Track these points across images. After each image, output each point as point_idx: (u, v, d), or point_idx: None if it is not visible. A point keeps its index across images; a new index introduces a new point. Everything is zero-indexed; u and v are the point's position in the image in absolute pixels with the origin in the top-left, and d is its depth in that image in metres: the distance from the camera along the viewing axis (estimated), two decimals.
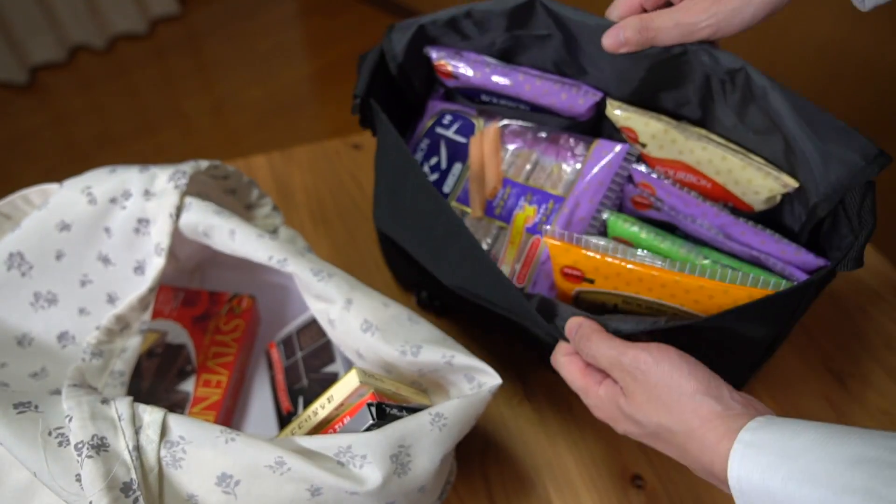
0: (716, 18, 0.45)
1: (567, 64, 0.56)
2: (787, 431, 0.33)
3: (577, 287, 0.51)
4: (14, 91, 2.18)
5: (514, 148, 0.60)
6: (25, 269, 0.48)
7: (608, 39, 0.49)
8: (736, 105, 0.49)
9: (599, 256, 0.48)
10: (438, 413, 0.42)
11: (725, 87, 0.48)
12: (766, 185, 0.49)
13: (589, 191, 0.55)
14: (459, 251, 0.49)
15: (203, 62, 2.34)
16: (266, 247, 0.48)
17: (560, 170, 0.57)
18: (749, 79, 0.46)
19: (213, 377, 0.56)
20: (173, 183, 0.49)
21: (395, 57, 0.59)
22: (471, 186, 0.59)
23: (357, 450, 0.39)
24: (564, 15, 0.52)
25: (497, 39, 0.57)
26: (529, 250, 0.55)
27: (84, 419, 0.38)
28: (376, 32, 2.41)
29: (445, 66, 0.59)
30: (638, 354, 0.40)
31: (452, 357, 0.45)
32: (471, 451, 0.56)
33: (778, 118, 0.46)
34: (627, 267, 0.47)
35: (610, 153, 0.55)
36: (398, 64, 0.59)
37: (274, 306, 0.65)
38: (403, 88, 0.62)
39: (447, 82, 0.61)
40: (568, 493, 0.54)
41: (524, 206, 0.57)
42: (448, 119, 0.62)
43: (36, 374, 0.46)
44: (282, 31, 2.46)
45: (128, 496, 0.37)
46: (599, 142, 0.56)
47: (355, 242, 0.75)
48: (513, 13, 0.54)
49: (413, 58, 0.60)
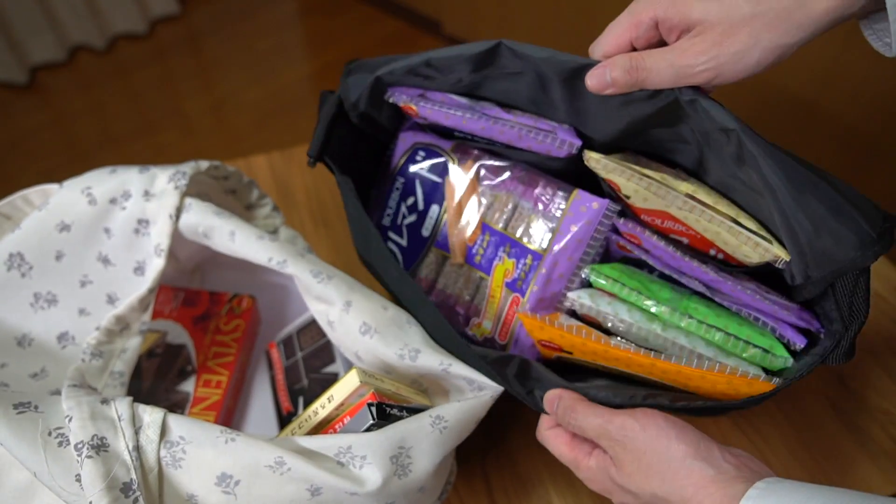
0: (716, 62, 0.39)
1: (542, 102, 0.51)
2: (786, 500, 0.32)
3: (558, 354, 0.51)
4: (14, 91, 2.18)
5: (491, 185, 0.55)
6: (25, 269, 0.48)
7: (593, 80, 0.43)
8: (731, 158, 0.44)
9: (576, 336, 0.46)
10: (439, 415, 0.42)
11: (720, 138, 0.43)
12: (755, 254, 0.45)
13: (567, 249, 0.51)
14: (429, 319, 0.48)
15: (203, 62, 2.34)
16: (266, 248, 0.48)
17: (538, 223, 0.52)
18: (741, 143, 0.41)
19: (214, 377, 0.56)
20: (173, 184, 0.49)
21: (354, 106, 0.55)
22: (449, 231, 0.56)
23: (357, 450, 0.39)
24: (535, 56, 0.46)
25: (464, 78, 0.52)
26: (509, 309, 0.53)
27: (84, 419, 0.38)
28: (376, 32, 2.42)
29: (412, 108, 0.54)
30: (625, 421, 0.39)
31: (450, 366, 0.45)
32: (471, 451, 0.56)
33: (769, 187, 0.41)
34: (605, 347, 0.45)
35: (588, 210, 0.50)
36: (359, 113, 0.55)
37: (274, 306, 0.65)
38: (368, 133, 0.59)
39: (417, 120, 0.56)
40: (568, 493, 0.54)
41: (503, 257, 0.54)
42: (421, 155, 0.58)
43: (36, 375, 0.46)
44: (282, 31, 2.46)
45: (128, 496, 0.37)
46: (578, 194, 0.51)
47: None
48: (477, 58, 0.49)
49: (375, 104, 0.56)
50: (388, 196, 0.60)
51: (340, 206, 0.79)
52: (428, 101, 0.53)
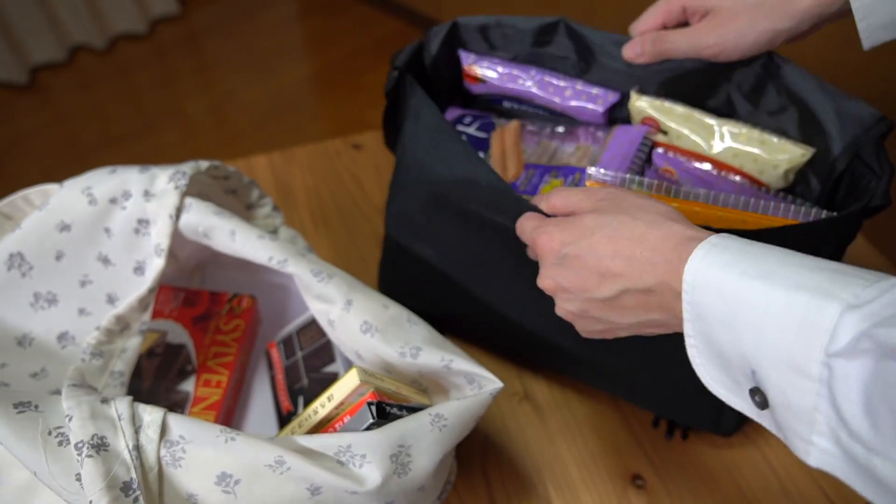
0: (721, 39, 0.50)
1: (584, 73, 0.63)
2: (756, 243, 0.33)
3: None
4: (14, 91, 2.18)
5: (534, 134, 0.63)
6: (25, 269, 0.48)
7: (628, 51, 0.55)
8: (748, 92, 0.55)
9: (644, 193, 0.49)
10: (439, 414, 0.42)
11: (741, 76, 0.55)
12: (784, 158, 0.53)
13: (615, 161, 0.57)
14: (489, 182, 0.48)
15: (203, 62, 2.34)
16: (266, 248, 0.48)
17: (583, 149, 0.60)
18: (770, 57, 0.53)
19: (214, 377, 0.56)
20: (173, 184, 0.49)
21: (430, 52, 0.63)
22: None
23: (357, 449, 0.39)
24: (586, 35, 0.60)
25: (520, 53, 0.64)
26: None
27: (84, 419, 0.38)
28: (376, 32, 2.42)
29: (474, 69, 0.64)
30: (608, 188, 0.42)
31: (451, 361, 0.45)
32: (471, 450, 0.56)
33: (795, 88, 0.53)
34: (672, 205, 0.47)
35: (630, 132, 0.59)
36: (433, 57, 0.63)
37: (274, 306, 0.65)
38: (430, 88, 0.62)
39: (473, 88, 0.66)
40: (568, 493, 0.54)
41: (550, 180, 0.58)
42: (469, 119, 0.65)
43: (36, 375, 0.46)
44: (282, 31, 2.46)
45: (128, 495, 0.37)
46: (619, 125, 0.60)
47: (355, 242, 0.75)
48: (538, 30, 0.61)
49: (445, 55, 0.64)
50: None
51: (340, 206, 0.79)
52: (488, 62, 0.64)
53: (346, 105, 2.11)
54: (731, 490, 0.54)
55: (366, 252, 0.74)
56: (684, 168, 0.58)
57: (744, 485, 0.54)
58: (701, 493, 0.54)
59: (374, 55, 2.30)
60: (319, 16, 2.53)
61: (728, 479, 0.54)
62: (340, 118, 2.07)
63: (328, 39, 2.41)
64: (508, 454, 0.57)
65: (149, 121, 2.07)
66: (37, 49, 2.20)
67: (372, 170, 0.84)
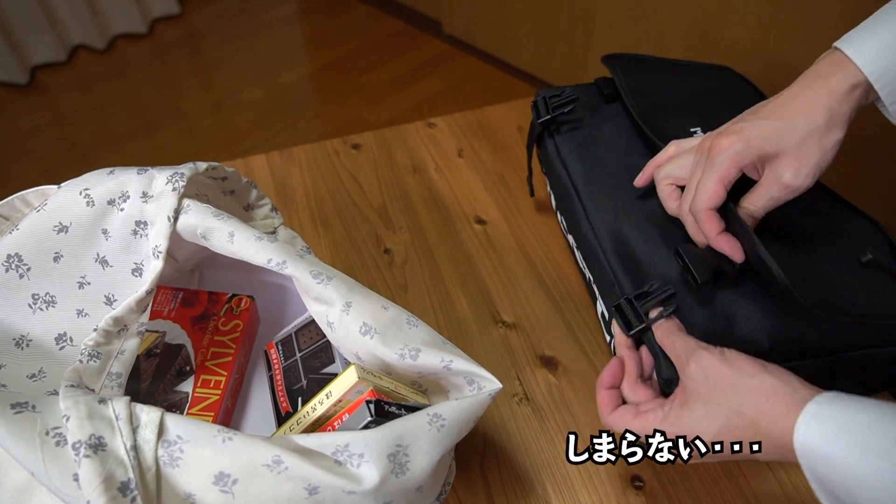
0: (812, 170, 0.47)
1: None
2: (851, 408, 0.36)
3: None
4: (14, 91, 2.18)
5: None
6: (23, 270, 0.48)
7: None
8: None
9: None
10: (437, 413, 0.42)
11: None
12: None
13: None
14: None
15: (203, 62, 2.34)
16: (265, 249, 0.48)
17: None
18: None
19: (212, 378, 0.56)
20: (171, 185, 0.49)
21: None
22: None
23: (355, 448, 0.39)
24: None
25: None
26: None
27: (81, 419, 0.38)
28: (376, 32, 2.42)
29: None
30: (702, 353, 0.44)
31: (451, 362, 0.45)
32: (470, 451, 0.56)
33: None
34: None
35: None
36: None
37: (273, 306, 0.65)
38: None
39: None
40: (568, 494, 0.54)
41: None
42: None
43: (34, 376, 0.46)
44: (282, 30, 2.46)
45: (125, 495, 0.37)
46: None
47: (355, 242, 0.75)
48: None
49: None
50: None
51: (340, 206, 0.79)
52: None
53: (345, 105, 2.11)
54: (731, 492, 0.54)
55: (365, 252, 0.74)
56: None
57: (744, 486, 0.54)
58: (700, 495, 0.54)
59: (375, 55, 2.30)
60: (319, 15, 2.53)
61: (727, 481, 0.54)
62: (340, 118, 2.07)
63: (328, 39, 2.41)
64: (507, 455, 0.57)
65: (148, 121, 2.07)
66: (37, 49, 2.20)
67: (371, 170, 0.84)
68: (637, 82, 0.67)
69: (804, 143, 0.47)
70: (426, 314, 0.67)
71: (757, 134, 0.48)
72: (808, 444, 0.36)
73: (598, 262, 0.59)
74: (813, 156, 0.47)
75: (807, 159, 0.47)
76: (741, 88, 0.70)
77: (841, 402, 0.37)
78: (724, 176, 0.48)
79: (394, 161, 0.86)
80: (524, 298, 0.69)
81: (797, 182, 0.47)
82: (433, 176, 0.83)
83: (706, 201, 0.49)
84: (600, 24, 1.74)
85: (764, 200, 0.49)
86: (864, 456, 0.33)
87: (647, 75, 0.69)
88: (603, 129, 0.67)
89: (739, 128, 0.49)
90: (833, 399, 0.37)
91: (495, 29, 2.12)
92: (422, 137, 0.89)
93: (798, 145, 0.47)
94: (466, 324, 0.66)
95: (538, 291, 0.69)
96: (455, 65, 2.24)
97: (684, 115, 0.64)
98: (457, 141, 0.89)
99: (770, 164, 0.48)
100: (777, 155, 0.47)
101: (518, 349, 0.64)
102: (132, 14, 2.34)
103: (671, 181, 0.54)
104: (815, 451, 0.36)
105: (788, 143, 0.47)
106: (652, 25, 1.60)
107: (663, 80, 0.69)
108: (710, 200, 0.49)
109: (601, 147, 0.66)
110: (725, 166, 0.48)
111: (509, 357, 0.64)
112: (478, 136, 0.89)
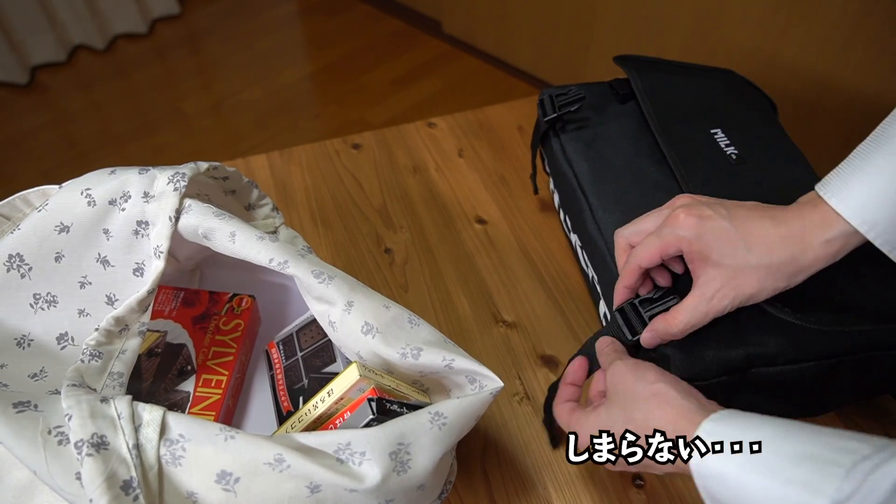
0: (734, 295, 0.46)
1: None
2: (745, 425, 0.36)
3: None
4: (14, 91, 2.18)
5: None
6: (25, 270, 0.48)
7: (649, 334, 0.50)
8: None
9: None
10: (438, 412, 0.42)
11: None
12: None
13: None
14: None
15: (203, 62, 2.34)
16: (267, 249, 0.48)
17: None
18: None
19: (213, 377, 0.56)
20: (172, 185, 0.49)
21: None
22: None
23: (356, 446, 0.39)
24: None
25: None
26: None
27: (84, 417, 0.38)
28: (376, 32, 2.42)
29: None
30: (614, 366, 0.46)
31: (452, 360, 0.45)
32: (471, 450, 0.57)
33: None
34: None
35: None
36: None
37: (274, 306, 0.65)
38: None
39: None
40: (568, 494, 0.54)
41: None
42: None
43: (35, 375, 0.46)
44: (282, 30, 2.46)
45: (128, 494, 0.37)
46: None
47: (355, 242, 0.75)
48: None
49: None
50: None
51: (340, 206, 0.79)
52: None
53: (345, 105, 2.11)
54: None
55: (365, 252, 0.74)
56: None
57: None
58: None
59: (375, 55, 2.30)
60: (320, 15, 2.54)
61: None
62: (340, 118, 2.07)
63: (328, 39, 2.41)
64: (509, 454, 0.57)
65: (148, 121, 2.07)
66: (37, 49, 2.20)
67: (371, 170, 0.84)
68: (652, 84, 0.67)
69: (745, 272, 0.44)
70: (427, 314, 0.67)
71: (714, 236, 0.45)
72: (703, 462, 0.36)
73: (604, 261, 0.59)
74: (747, 288, 0.45)
75: (738, 288, 0.45)
76: (747, 90, 0.70)
77: (736, 419, 0.37)
78: (664, 249, 0.47)
79: (394, 161, 0.86)
80: (525, 298, 0.69)
81: (720, 305, 0.45)
82: (433, 176, 0.84)
83: (639, 259, 0.49)
84: (600, 24, 1.75)
85: (688, 317, 0.47)
86: (755, 475, 0.33)
87: (661, 77, 0.69)
88: (609, 128, 0.67)
89: (707, 216, 0.46)
90: (728, 417, 0.37)
91: (495, 29, 2.12)
92: (422, 137, 0.89)
93: (739, 270, 0.44)
94: (467, 323, 0.67)
95: (539, 291, 0.69)
96: (455, 65, 2.24)
97: (702, 116, 0.64)
98: (457, 141, 0.89)
99: (704, 271, 0.46)
100: (717, 266, 0.45)
101: (519, 348, 0.64)
102: (132, 14, 2.34)
103: (625, 240, 0.53)
104: (709, 469, 0.36)
105: (732, 261, 0.45)
106: (652, 26, 1.60)
107: (675, 81, 0.69)
108: (643, 260, 0.49)
109: (608, 147, 0.66)
110: (669, 241, 0.47)
111: (510, 356, 0.64)
112: (478, 136, 0.89)
